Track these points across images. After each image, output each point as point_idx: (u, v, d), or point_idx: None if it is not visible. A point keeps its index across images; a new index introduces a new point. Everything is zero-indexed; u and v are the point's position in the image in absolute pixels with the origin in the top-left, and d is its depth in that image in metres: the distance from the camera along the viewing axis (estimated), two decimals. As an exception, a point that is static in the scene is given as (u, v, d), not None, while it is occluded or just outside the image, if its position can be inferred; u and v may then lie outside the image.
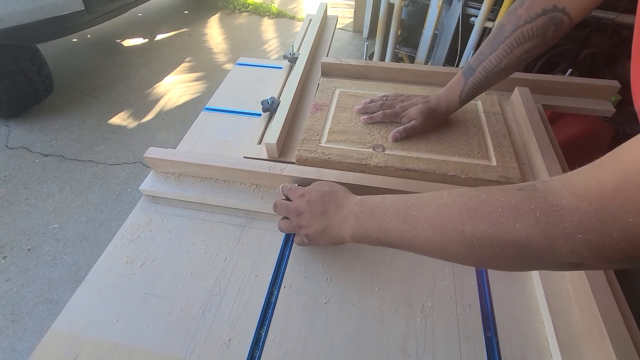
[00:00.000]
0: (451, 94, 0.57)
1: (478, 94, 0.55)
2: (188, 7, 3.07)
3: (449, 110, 0.58)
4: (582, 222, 0.21)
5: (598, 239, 0.21)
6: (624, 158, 0.21)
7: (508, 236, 0.24)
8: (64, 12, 1.56)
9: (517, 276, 0.46)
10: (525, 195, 0.25)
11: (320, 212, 0.41)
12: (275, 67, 0.87)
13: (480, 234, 0.26)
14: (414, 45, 1.65)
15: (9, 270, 1.23)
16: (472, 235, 0.26)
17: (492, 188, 0.28)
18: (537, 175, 0.55)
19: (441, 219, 0.29)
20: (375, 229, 0.35)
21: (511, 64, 0.48)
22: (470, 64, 0.53)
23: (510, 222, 0.24)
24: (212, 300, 0.45)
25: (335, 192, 0.42)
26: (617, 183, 0.20)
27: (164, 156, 0.57)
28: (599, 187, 0.21)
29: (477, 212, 0.26)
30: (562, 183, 0.24)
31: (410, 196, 0.34)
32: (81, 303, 0.45)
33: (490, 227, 0.25)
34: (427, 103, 0.58)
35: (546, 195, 0.24)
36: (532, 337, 0.40)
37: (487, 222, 0.26)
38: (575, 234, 0.22)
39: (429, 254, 0.31)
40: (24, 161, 1.62)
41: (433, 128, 0.59)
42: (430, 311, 0.43)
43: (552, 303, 0.41)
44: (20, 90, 1.72)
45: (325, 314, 0.43)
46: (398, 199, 0.35)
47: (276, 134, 0.58)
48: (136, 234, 0.52)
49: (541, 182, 0.25)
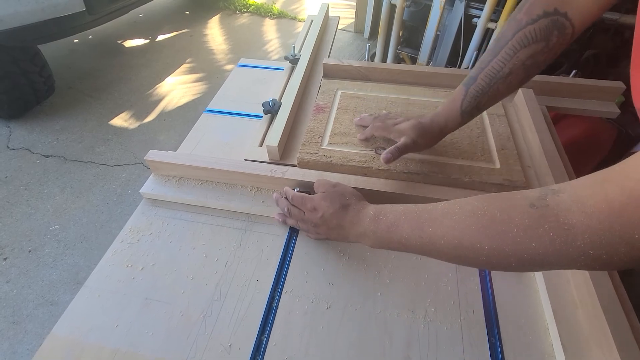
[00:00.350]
0: (451, 106, 0.50)
1: (482, 105, 0.48)
2: (189, 8, 3.07)
3: (448, 126, 0.50)
4: (593, 240, 0.23)
5: (608, 254, 0.23)
6: (631, 176, 0.22)
7: (525, 254, 0.26)
8: (65, 13, 1.56)
9: (521, 281, 0.46)
10: (538, 214, 0.26)
11: (337, 225, 0.44)
12: (277, 68, 0.86)
13: (498, 251, 0.28)
14: (415, 46, 1.65)
15: (9, 271, 1.23)
16: (490, 252, 0.28)
17: (502, 200, 0.29)
18: (541, 179, 0.54)
19: (458, 237, 0.30)
20: (394, 244, 0.37)
21: (515, 69, 0.44)
22: (470, 74, 0.48)
23: (526, 242, 0.26)
24: (213, 305, 0.44)
25: (348, 206, 0.44)
26: (624, 201, 0.21)
27: (165, 159, 0.56)
28: (607, 204, 0.22)
29: (492, 231, 0.28)
30: (572, 199, 0.25)
31: (423, 210, 0.35)
32: (81, 308, 0.44)
33: (507, 246, 0.27)
34: (420, 119, 0.53)
35: (558, 213, 0.25)
36: (536, 344, 0.40)
37: (503, 241, 0.27)
38: (588, 251, 0.23)
39: (449, 262, 0.34)
40: (25, 162, 1.62)
41: (427, 146, 0.52)
42: (433, 317, 0.42)
43: (557, 309, 0.41)
44: (21, 91, 1.72)
45: (327, 320, 0.42)
46: (410, 214, 0.36)
47: (278, 136, 0.58)
48: (136, 237, 0.52)
49: (551, 196, 0.26)
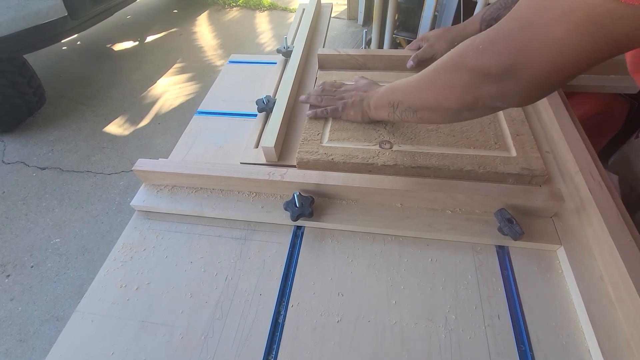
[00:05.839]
0: (473, 18, 0.63)
1: (501, 17, 0.60)
2: (177, 6, 3.00)
3: (467, 29, 0.63)
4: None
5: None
6: None
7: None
8: (48, 19, 1.50)
9: (549, 280, 0.42)
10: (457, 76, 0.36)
11: (364, 89, 0.57)
12: (269, 62, 0.81)
13: (440, 85, 0.39)
14: (412, 29, 1.58)
15: (13, 288, 1.21)
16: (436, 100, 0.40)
17: (430, 74, 0.40)
18: (561, 165, 0.50)
19: (423, 98, 0.42)
20: (386, 99, 0.49)
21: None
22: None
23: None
24: (214, 324, 0.41)
25: (370, 84, 0.59)
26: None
27: (155, 168, 0.52)
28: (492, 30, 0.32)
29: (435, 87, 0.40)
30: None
31: (397, 89, 0.47)
32: (74, 336, 0.41)
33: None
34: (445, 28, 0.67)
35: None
36: (571, 350, 0.36)
37: (439, 92, 0.39)
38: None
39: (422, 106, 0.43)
40: (21, 176, 1.59)
41: (442, 50, 0.64)
42: (454, 325, 0.39)
43: (592, 310, 0.37)
44: (11, 103, 1.68)
45: (338, 335, 0.39)
46: (392, 90, 0.48)
47: (273, 136, 0.54)
48: (129, 254, 0.48)
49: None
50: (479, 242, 0.45)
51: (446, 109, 0.38)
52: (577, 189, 0.47)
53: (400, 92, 0.46)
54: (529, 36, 0.28)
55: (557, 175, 0.50)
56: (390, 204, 0.48)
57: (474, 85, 0.34)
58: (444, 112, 0.39)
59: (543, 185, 0.49)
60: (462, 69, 0.34)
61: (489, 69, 0.31)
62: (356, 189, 0.47)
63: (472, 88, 0.34)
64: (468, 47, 0.34)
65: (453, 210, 0.47)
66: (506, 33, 0.30)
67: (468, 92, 0.35)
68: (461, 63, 0.34)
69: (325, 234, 0.48)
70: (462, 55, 0.34)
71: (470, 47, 0.33)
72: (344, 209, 0.49)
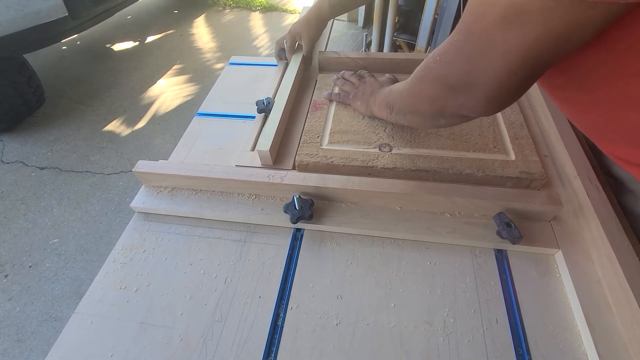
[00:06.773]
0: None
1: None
2: (177, 7, 3.00)
3: (322, 13, 0.69)
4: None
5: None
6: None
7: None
8: (48, 19, 1.50)
9: (547, 284, 0.42)
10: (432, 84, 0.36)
11: (379, 84, 0.58)
12: (270, 64, 0.82)
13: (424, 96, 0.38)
14: (412, 32, 1.59)
15: (11, 288, 1.20)
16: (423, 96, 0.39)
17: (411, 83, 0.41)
18: (559, 169, 0.50)
19: (407, 103, 0.43)
20: (385, 99, 0.50)
21: None
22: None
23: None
24: (213, 327, 0.41)
25: (387, 81, 0.60)
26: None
27: (155, 169, 0.53)
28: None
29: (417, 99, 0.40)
30: None
31: (393, 91, 0.48)
32: (73, 337, 0.41)
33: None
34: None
35: None
36: (569, 353, 0.36)
37: (415, 99, 0.40)
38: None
39: (412, 111, 0.43)
40: (20, 175, 1.59)
41: (311, 38, 0.71)
42: (453, 328, 0.39)
43: (589, 314, 0.37)
44: (10, 103, 1.68)
45: (337, 337, 0.39)
46: (390, 92, 0.50)
47: (269, 140, 0.54)
48: (129, 256, 0.48)
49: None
50: (478, 246, 0.46)
51: (424, 115, 0.39)
52: (576, 193, 0.48)
53: (394, 94, 0.47)
54: (473, 45, 0.28)
55: (556, 179, 0.51)
56: (389, 206, 0.49)
57: (440, 94, 0.34)
58: (424, 117, 0.40)
59: (541, 189, 0.49)
60: (427, 79, 0.35)
61: (447, 79, 0.32)
62: (356, 192, 0.47)
63: (438, 98, 0.35)
64: (431, 57, 0.34)
65: (452, 214, 0.47)
66: (454, 44, 0.30)
67: (435, 102, 0.36)
68: (426, 74, 0.35)
69: (324, 237, 0.48)
70: (426, 66, 0.35)
71: (432, 57, 0.34)
72: (343, 211, 0.49)
